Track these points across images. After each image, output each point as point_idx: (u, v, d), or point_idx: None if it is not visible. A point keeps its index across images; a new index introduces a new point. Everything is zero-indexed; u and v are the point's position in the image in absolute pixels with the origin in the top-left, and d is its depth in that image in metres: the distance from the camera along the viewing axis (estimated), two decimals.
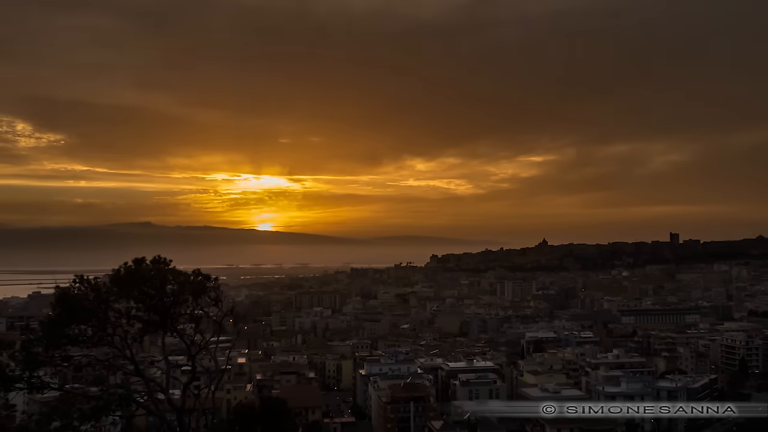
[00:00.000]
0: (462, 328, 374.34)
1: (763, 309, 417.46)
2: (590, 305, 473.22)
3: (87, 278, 34.82)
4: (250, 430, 35.88)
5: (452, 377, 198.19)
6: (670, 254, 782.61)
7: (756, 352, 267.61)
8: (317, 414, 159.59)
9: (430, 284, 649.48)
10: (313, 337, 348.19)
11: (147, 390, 35.85)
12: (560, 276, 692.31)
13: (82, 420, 33.08)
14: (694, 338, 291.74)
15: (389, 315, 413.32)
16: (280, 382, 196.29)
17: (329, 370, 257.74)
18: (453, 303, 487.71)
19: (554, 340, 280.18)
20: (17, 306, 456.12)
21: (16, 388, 33.04)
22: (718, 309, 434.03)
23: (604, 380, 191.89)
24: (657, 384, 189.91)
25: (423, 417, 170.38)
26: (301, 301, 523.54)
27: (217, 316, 38.72)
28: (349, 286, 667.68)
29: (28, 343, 32.61)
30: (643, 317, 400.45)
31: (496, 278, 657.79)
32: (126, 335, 35.36)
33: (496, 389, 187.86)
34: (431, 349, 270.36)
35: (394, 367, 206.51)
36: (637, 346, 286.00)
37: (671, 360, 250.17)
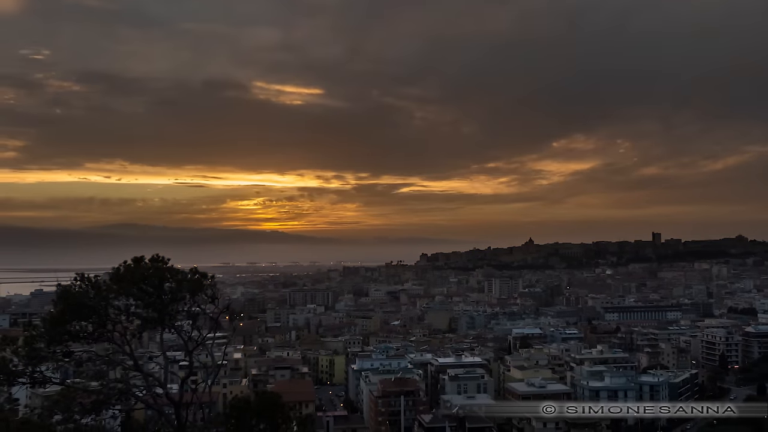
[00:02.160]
0: (451, 324, 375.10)
1: (742, 306, 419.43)
2: (575, 302, 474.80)
3: (88, 276, 34.93)
4: (246, 423, 35.92)
5: (441, 372, 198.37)
6: (653, 253, 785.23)
7: (735, 347, 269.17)
8: (311, 408, 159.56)
9: (420, 282, 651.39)
10: (307, 333, 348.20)
11: (146, 384, 35.94)
12: (546, 274, 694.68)
13: (83, 413, 33.14)
14: (676, 334, 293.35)
15: (380, 312, 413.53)
16: (274, 376, 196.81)
17: (322, 365, 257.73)
18: (442, 300, 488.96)
19: (540, 337, 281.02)
20: (20, 303, 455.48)
21: (19, 382, 33.10)
22: (698, 306, 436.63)
23: (589, 375, 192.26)
24: (639, 379, 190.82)
25: (413, 410, 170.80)
26: (295, 298, 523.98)
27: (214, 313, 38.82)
28: (341, 283, 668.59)
29: (30, 339, 32.67)
30: (626, 314, 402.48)
31: (483, 276, 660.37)
32: (125, 331, 35.44)
33: (483, 384, 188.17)
34: (421, 345, 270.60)
35: (385, 363, 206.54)
36: (620, 342, 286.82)
37: (653, 355, 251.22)
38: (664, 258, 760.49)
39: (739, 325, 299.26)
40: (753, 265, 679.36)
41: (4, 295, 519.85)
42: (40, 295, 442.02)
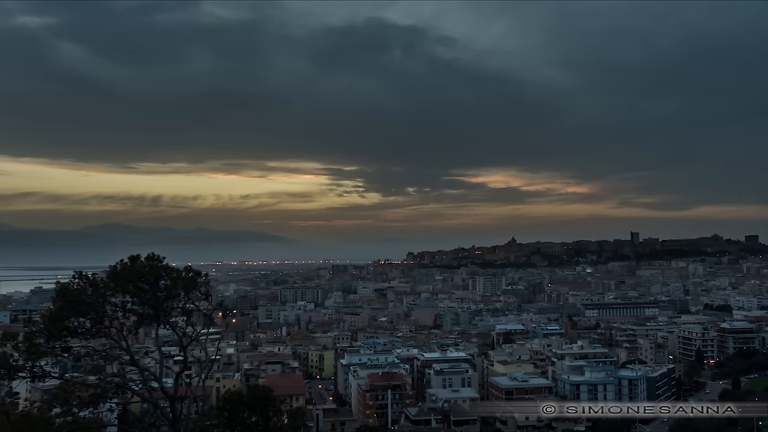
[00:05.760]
0: (436, 320, 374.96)
1: (717, 303, 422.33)
2: (556, 299, 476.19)
3: (86, 274, 34.99)
4: (238, 416, 36.13)
5: (427, 367, 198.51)
6: (631, 252, 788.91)
7: (711, 343, 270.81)
8: (301, 401, 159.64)
9: (407, 280, 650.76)
10: (297, 329, 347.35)
11: (142, 379, 35.95)
12: (528, 272, 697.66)
13: (81, 407, 33.18)
14: (654, 330, 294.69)
15: (368, 308, 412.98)
16: (266, 371, 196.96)
17: (312, 360, 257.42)
18: (428, 297, 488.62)
19: (522, 332, 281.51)
20: (20, 300, 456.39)
21: (19, 376, 33.13)
22: (675, 303, 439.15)
23: (569, 370, 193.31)
24: (619, 373, 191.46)
25: (400, 404, 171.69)
26: (286, 295, 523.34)
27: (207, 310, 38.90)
28: (331, 281, 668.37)
29: (30, 334, 32.68)
30: (606, 311, 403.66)
31: (468, 274, 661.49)
32: (122, 327, 35.45)
33: (468, 378, 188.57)
34: (407, 341, 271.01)
35: (373, 357, 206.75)
36: (600, 338, 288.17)
37: (632, 351, 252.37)
38: (642, 256, 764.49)
39: (714, 322, 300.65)
40: (728, 263, 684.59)
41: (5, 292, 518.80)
42: (40, 293, 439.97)
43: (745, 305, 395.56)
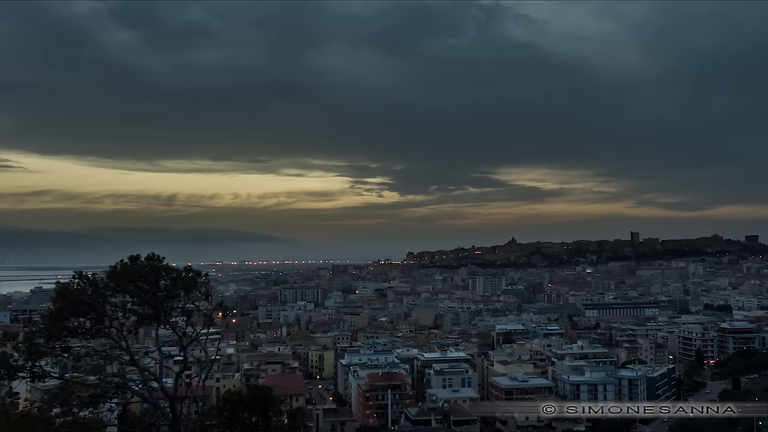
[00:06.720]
0: (436, 320, 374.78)
1: (717, 303, 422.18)
2: (556, 299, 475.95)
3: (86, 274, 34.99)
4: (238, 416, 36.10)
5: (427, 367, 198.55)
6: (631, 252, 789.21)
7: (711, 343, 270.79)
8: (301, 401, 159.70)
9: (407, 280, 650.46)
10: (297, 329, 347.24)
11: (142, 379, 35.92)
12: (528, 272, 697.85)
13: (81, 407, 33.17)
14: (654, 330, 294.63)
15: (368, 308, 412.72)
16: (266, 371, 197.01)
17: (312, 360, 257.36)
18: (428, 297, 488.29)
19: (522, 332, 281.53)
20: (20, 300, 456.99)
21: (19, 376, 33.11)
22: (675, 303, 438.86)
23: (569, 370, 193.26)
24: (618, 373, 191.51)
25: (400, 404, 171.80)
26: (286, 295, 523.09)
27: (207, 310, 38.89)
28: (331, 281, 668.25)
29: (30, 334, 32.66)
30: (606, 311, 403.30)
31: (468, 274, 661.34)
32: (122, 327, 35.43)
33: (468, 378, 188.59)
34: (407, 341, 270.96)
35: (373, 358, 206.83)
36: (599, 338, 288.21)
37: (632, 351, 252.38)
38: (642, 256, 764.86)
39: (714, 322, 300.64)
40: (728, 263, 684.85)
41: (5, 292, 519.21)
42: (40, 293, 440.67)
43: (745, 305, 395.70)
